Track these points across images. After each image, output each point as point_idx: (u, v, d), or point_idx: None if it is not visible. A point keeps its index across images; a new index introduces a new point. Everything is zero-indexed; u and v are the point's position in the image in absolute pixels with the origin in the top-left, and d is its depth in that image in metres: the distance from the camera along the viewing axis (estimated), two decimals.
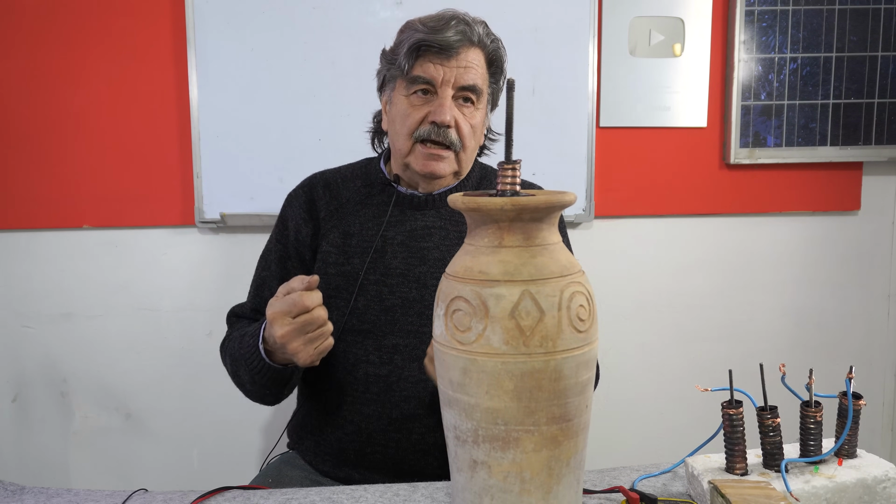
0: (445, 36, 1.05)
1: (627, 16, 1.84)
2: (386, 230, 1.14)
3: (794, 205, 1.97)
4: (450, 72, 1.07)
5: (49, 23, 1.73)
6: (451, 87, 1.07)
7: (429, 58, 1.07)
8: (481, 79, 1.10)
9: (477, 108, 1.11)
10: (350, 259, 1.13)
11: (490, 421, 0.67)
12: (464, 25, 1.07)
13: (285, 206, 1.22)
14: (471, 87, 1.08)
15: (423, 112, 1.08)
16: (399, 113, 1.11)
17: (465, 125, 1.09)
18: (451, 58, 1.06)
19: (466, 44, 1.07)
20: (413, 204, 1.16)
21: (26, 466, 1.87)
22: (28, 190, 1.78)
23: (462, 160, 1.12)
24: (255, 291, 1.20)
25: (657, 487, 0.87)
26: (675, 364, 1.99)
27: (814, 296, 2.02)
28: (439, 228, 1.15)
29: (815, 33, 1.87)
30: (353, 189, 1.19)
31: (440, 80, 1.07)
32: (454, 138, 1.08)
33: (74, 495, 0.91)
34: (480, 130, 1.15)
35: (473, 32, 1.08)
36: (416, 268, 1.12)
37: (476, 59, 1.09)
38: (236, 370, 1.09)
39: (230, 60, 1.74)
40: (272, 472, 1.16)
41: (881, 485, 0.78)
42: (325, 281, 1.13)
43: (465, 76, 1.07)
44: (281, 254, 1.19)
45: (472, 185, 1.21)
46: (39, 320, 1.83)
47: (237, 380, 1.11)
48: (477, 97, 1.10)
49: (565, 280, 0.67)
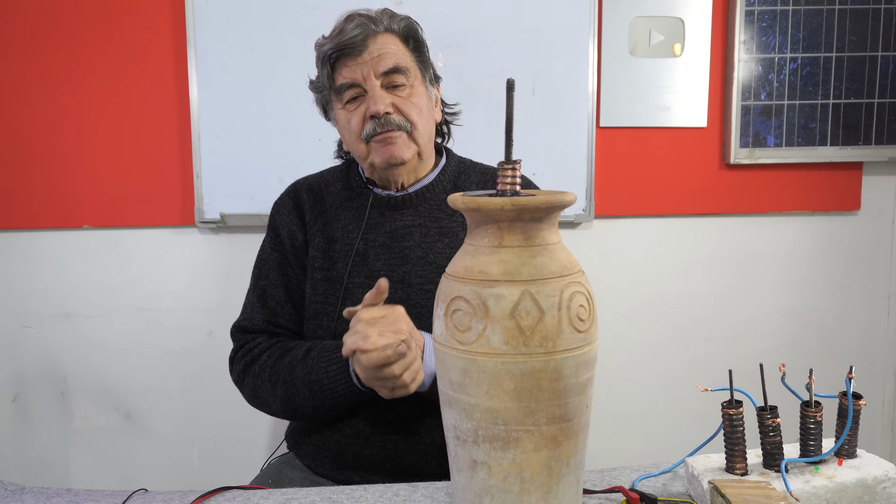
0: (348, 35, 1.07)
1: (627, 16, 1.84)
2: (366, 233, 1.14)
3: (794, 205, 1.97)
4: (366, 66, 1.08)
5: (49, 23, 1.73)
6: (374, 78, 1.08)
7: (343, 62, 1.09)
8: (402, 58, 1.11)
9: (411, 86, 1.11)
10: (335, 264, 1.14)
11: (490, 421, 0.67)
12: (361, 18, 1.09)
13: (273, 214, 1.22)
14: (393, 69, 1.09)
15: (362, 112, 1.10)
16: (343, 125, 1.13)
17: (406, 104, 1.10)
18: (363, 52, 1.08)
19: (371, 34, 1.08)
20: (391, 205, 1.16)
21: (26, 466, 1.87)
22: (28, 190, 1.78)
23: (417, 138, 1.12)
24: (259, 302, 1.18)
25: (657, 487, 0.87)
26: (675, 364, 1.99)
27: (814, 296, 2.02)
28: (419, 227, 1.15)
29: (815, 33, 1.87)
30: (335, 193, 1.20)
31: (361, 76, 1.09)
32: (399, 121, 1.09)
33: (74, 495, 0.91)
34: (427, 106, 1.14)
35: (375, 22, 1.09)
36: (400, 268, 1.12)
37: (388, 42, 1.10)
38: (291, 396, 1.07)
39: (230, 60, 1.74)
40: (272, 472, 1.16)
41: (881, 485, 0.78)
42: (313, 286, 1.14)
43: (382, 62, 1.08)
44: (279, 261, 1.18)
45: (449, 179, 1.20)
46: (39, 320, 1.83)
47: (286, 405, 1.08)
48: (405, 76, 1.10)
49: (565, 280, 0.67)
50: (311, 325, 1.14)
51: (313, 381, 1.04)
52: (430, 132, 1.17)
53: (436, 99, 1.20)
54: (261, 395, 1.11)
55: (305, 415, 1.09)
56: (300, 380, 1.05)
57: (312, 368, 1.04)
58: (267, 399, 1.10)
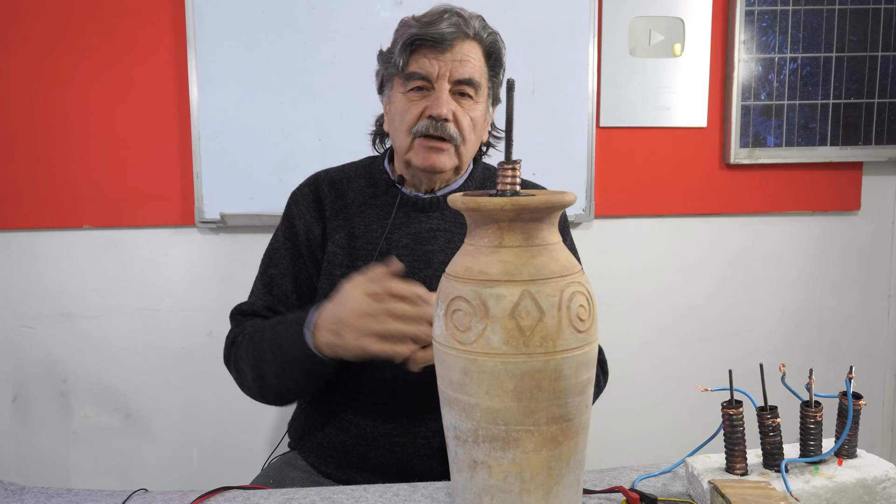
0: (439, 29, 1.04)
1: (627, 16, 1.84)
2: (391, 233, 1.13)
3: (794, 205, 1.97)
4: (445, 65, 1.06)
5: (48, 22, 1.73)
6: (447, 81, 1.06)
7: (423, 52, 1.06)
8: (479, 72, 1.09)
9: (476, 102, 1.10)
10: (355, 261, 1.12)
11: (490, 421, 0.67)
12: (457, 18, 1.06)
13: (290, 204, 1.20)
14: (467, 81, 1.07)
15: (421, 107, 1.07)
16: (397, 110, 1.10)
17: (465, 119, 1.08)
18: (446, 51, 1.05)
19: (461, 36, 1.06)
20: (417, 206, 1.15)
21: (26, 466, 1.87)
22: (28, 190, 1.78)
23: (462, 154, 1.11)
24: (264, 289, 1.16)
25: (657, 487, 0.87)
26: (675, 364, 1.99)
27: (814, 296, 2.02)
28: (444, 231, 1.14)
29: (815, 33, 1.87)
30: (358, 189, 1.18)
31: (436, 74, 1.06)
32: (453, 132, 1.07)
33: (74, 495, 0.91)
34: (481, 125, 1.14)
35: (468, 25, 1.07)
36: (422, 271, 1.11)
37: (472, 51, 1.08)
38: (258, 361, 1.03)
39: (230, 60, 1.74)
40: (273, 472, 1.16)
41: (881, 485, 0.78)
42: (331, 283, 1.12)
43: (461, 69, 1.06)
44: (292, 251, 1.16)
45: (475, 185, 1.19)
46: (39, 320, 1.83)
47: (256, 373, 1.04)
48: (475, 91, 1.09)
49: (565, 280, 0.67)
50: None
51: (276, 343, 1.01)
52: (475, 150, 1.15)
53: (489, 120, 1.19)
54: (240, 366, 1.08)
55: (271, 386, 1.04)
56: (267, 343, 1.02)
57: (278, 331, 1.02)
58: (244, 369, 1.07)
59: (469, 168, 1.21)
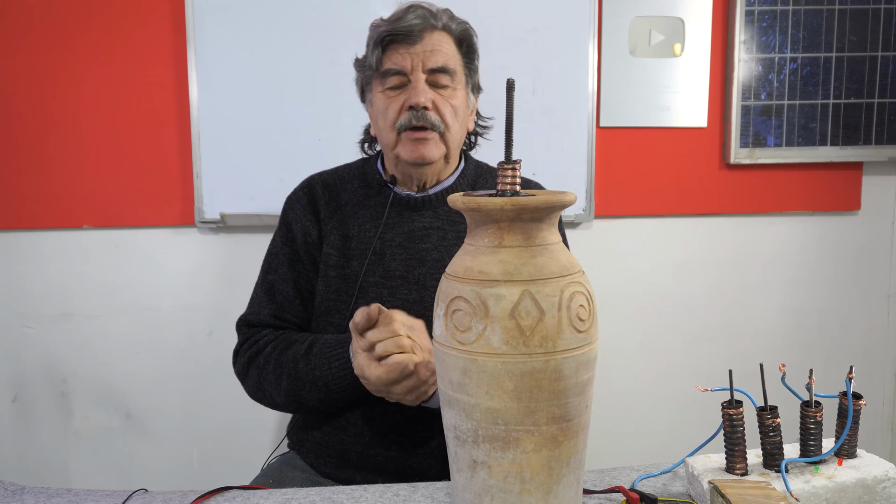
0: (407, 22, 1.07)
1: (627, 16, 1.84)
2: (384, 232, 1.14)
3: (794, 205, 1.97)
4: (417, 57, 1.08)
5: (49, 23, 1.73)
6: (421, 71, 1.08)
7: (395, 48, 1.08)
8: (452, 60, 1.11)
9: (454, 90, 1.11)
10: (349, 262, 1.13)
11: (490, 421, 0.67)
12: (423, 10, 1.09)
13: (286, 209, 1.21)
14: (441, 69, 1.09)
15: (401, 102, 1.09)
16: (379, 109, 1.12)
17: (445, 106, 1.10)
18: (416, 43, 1.08)
19: (429, 28, 1.08)
20: (410, 205, 1.15)
21: (26, 466, 1.87)
22: (28, 190, 1.78)
23: (448, 141, 1.11)
24: (266, 297, 1.17)
25: (657, 487, 0.87)
26: (675, 364, 1.99)
27: (814, 296, 2.02)
28: (437, 229, 1.14)
29: (815, 33, 1.87)
30: (351, 190, 1.19)
31: (409, 66, 1.08)
32: (435, 119, 1.08)
33: (74, 495, 0.91)
34: (464, 112, 1.15)
35: (435, 17, 1.09)
36: (416, 269, 1.11)
37: (443, 40, 1.10)
38: (296, 390, 1.06)
39: (230, 60, 1.74)
40: (273, 472, 1.16)
41: (881, 485, 0.78)
42: (326, 283, 1.13)
43: (434, 58, 1.08)
44: (290, 257, 1.17)
45: (467, 182, 1.20)
46: (39, 320, 1.83)
47: (291, 398, 1.08)
48: (451, 78, 1.10)
49: (565, 280, 0.67)
50: (322, 322, 1.14)
51: (318, 377, 1.04)
52: (461, 138, 1.17)
53: (472, 108, 1.20)
54: (264, 387, 1.10)
55: (311, 408, 1.09)
56: (305, 375, 1.05)
57: (316, 365, 1.04)
58: (271, 392, 1.10)
59: (461, 166, 1.21)
